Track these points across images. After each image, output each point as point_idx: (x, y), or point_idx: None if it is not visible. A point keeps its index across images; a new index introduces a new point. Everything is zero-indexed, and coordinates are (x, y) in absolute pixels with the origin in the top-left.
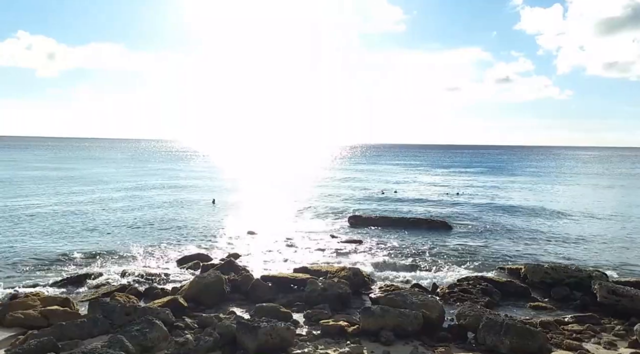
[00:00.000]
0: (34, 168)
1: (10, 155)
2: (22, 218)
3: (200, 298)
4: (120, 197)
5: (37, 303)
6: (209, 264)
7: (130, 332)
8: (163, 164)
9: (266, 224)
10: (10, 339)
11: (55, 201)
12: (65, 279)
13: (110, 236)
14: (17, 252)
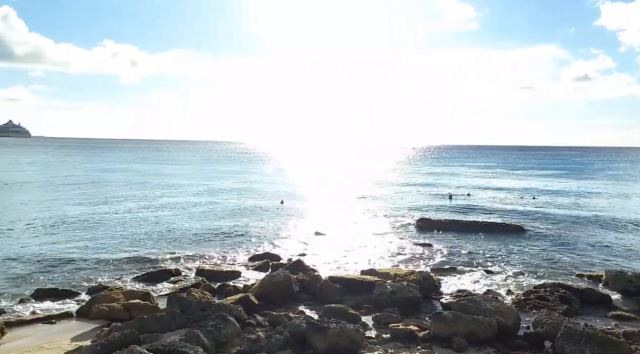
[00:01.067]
0: (120, 170)
1: (99, 156)
2: (107, 218)
3: (270, 297)
4: (194, 197)
5: (120, 296)
6: (278, 263)
7: (205, 327)
8: (233, 166)
9: (333, 225)
10: (95, 330)
11: (136, 201)
12: (145, 275)
13: (185, 234)
14: (101, 249)
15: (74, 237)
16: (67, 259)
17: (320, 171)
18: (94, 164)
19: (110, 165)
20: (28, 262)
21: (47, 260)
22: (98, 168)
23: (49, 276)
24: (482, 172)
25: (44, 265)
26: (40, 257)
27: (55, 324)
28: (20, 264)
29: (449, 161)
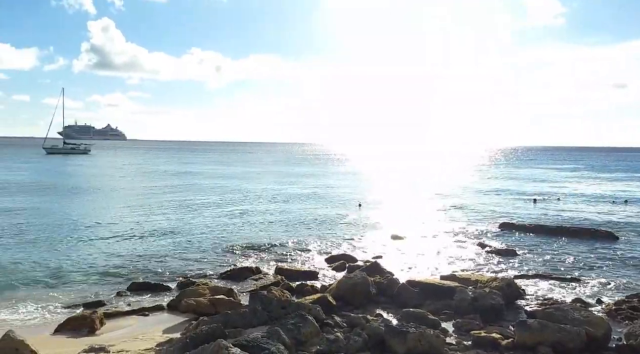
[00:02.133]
0: (205, 171)
1: (185, 157)
2: (193, 217)
3: (348, 298)
4: (272, 198)
5: (206, 291)
6: (355, 265)
7: (285, 325)
8: (310, 168)
9: (412, 228)
10: (184, 323)
11: (220, 201)
12: (228, 272)
13: (264, 234)
14: (188, 246)
15: (163, 235)
16: (158, 255)
17: (399, 174)
18: (182, 165)
19: (197, 166)
20: (123, 257)
21: (140, 255)
22: (185, 169)
23: (142, 270)
24: (569, 175)
25: (137, 260)
26: (135, 252)
27: (148, 317)
28: (117, 259)
29: (533, 163)
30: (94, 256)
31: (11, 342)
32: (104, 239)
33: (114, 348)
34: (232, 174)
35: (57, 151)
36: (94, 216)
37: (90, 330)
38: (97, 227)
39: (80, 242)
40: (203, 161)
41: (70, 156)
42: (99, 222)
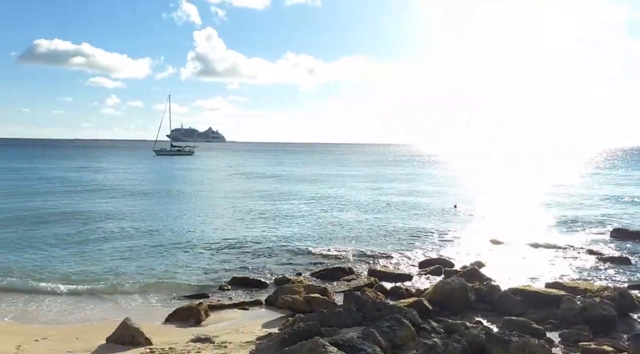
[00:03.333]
0: (298, 170)
1: (281, 159)
2: (289, 216)
3: (444, 303)
4: (365, 198)
5: (301, 289)
6: (451, 270)
7: (381, 327)
8: (403, 169)
9: (512, 232)
10: (282, 319)
11: (315, 200)
12: (321, 271)
13: (357, 235)
14: (285, 244)
15: (261, 232)
16: (256, 252)
17: (499, 174)
18: (277, 166)
19: (291, 167)
20: (225, 252)
21: (240, 252)
22: (280, 170)
23: (241, 266)
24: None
25: (237, 256)
26: (235, 248)
27: (248, 311)
28: (219, 254)
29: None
30: (199, 251)
31: (128, 329)
32: (208, 234)
33: (218, 339)
34: (325, 175)
35: (165, 152)
36: (199, 213)
37: (196, 321)
38: (202, 223)
39: (187, 238)
40: (297, 162)
41: (176, 157)
42: (203, 218)
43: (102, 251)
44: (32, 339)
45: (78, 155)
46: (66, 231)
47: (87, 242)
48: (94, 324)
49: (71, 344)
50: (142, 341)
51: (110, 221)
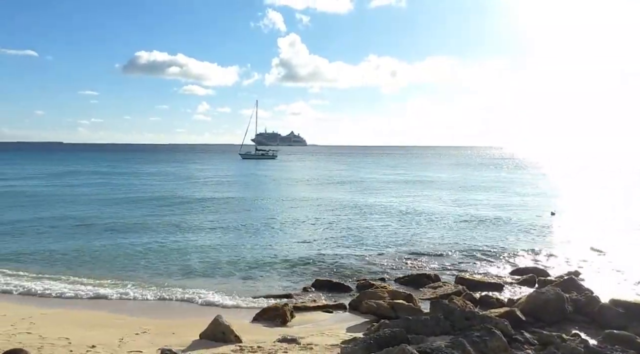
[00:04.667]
0: (379, 173)
1: (362, 162)
2: (369, 219)
3: (539, 314)
4: (455, 201)
5: (385, 295)
6: (546, 279)
7: (470, 337)
8: (494, 172)
9: (614, 241)
10: (366, 324)
11: (396, 202)
12: (406, 277)
13: (444, 240)
14: (366, 248)
15: (343, 235)
16: (339, 254)
17: (601, 178)
18: (358, 169)
19: (371, 170)
20: (308, 254)
21: (323, 254)
22: (361, 173)
23: (324, 268)
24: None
25: (320, 258)
26: (318, 251)
27: (331, 314)
28: (303, 255)
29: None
30: (282, 253)
31: (219, 326)
32: (291, 237)
33: (304, 340)
34: (410, 179)
35: (250, 156)
36: (282, 215)
37: (282, 321)
38: (286, 225)
39: (271, 239)
40: (379, 165)
41: (260, 160)
42: (287, 220)
43: (191, 250)
44: (133, 332)
45: (172, 159)
46: (154, 228)
47: (177, 242)
48: (187, 320)
49: (168, 338)
50: (232, 339)
51: (201, 220)
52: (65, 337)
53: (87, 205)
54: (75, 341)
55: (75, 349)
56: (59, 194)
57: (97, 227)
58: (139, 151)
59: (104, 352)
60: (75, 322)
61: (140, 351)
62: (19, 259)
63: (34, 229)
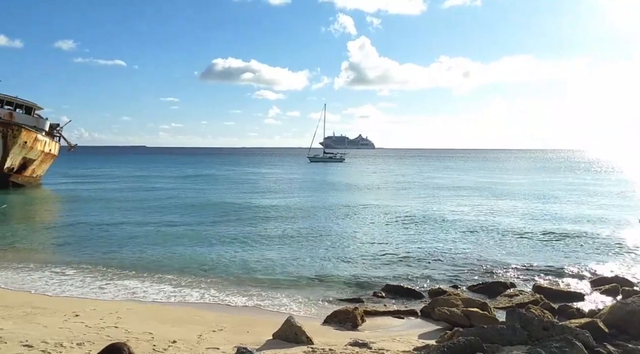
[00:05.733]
0: (452, 176)
1: (431, 165)
2: (440, 222)
3: (623, 326)
4: (529, 207)
5: (459, 302)
6: (632, 290)
7: (549, 348)
8: (574, 176)
9: None
10: (438, 331)
11: (471, 206)
12: (480, 285)
13: (521, 246)
14: (439, 253)
15: (414, 240)
16: (410, 259)
17: None
18: (428, 172)
19: (444, 173)
20: (378, 258)
21: (393, 259)
22: (431, 176)
23: (394, 273)
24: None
25: (390, 263)
26: (388, 255)
27: (402, 320)
28: (372, 260)
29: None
30: (352, 256)
31: (292, 327)
32: (361, 240)
33: (375, 345)
34: (484, 183)
35: (318, 159)
36: (350, 218)
37: (353, 325)
38: (354, 228)
39: (342, 240)
40: (450, 168)
41: (328, 163)
42: (356, 223)
43: (262, 252)
44: (211, 329)
45: (245, 162)
46: (231, 230)
47: (249, 242)
48: (260, 319)
49: (242, 336)
50: (304, 340)
51: (272, 222)
52: (149, 332)
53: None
54: (158, 336)
55: (158, 344)
56: (142, 199)
57: (177, 228)
58: (215, 154)
59: (184, 347)
60: (158, 318)
61: (218, 348)
62: (106, 257)
63: (124, 230)
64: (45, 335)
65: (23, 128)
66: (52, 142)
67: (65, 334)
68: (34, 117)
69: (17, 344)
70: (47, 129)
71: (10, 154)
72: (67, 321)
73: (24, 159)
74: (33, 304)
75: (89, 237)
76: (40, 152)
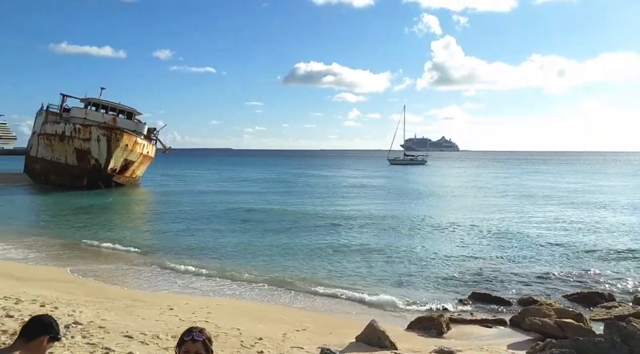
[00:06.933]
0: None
1: (523, 169)
2: (535, 229)
3: None
4: (631, 212)
5: (551, 312)
6: None
7: None
8: None
9: None
10: (529, 342)
11: (571, 213)
12: (574, 294)
13: (618, 254)
14: (529, 260)
15: (504, 247)
16: (498, 267)
17: None
18: (519, 177)
19: (536, 177)
20: (464, 265)
21: (480, 265)
22: (524, 181)
23: (482, 280)
24: None
25: (478, 269)
26: (475, 261)
27: (490, 329)
28: (459, 266)
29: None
30: (438, 260)
31: (375, 331)
32: (447, 245)
33: (461, 353)
34: (583, 189)
35: (399, 162)
36: (434, 223)
37: (438, 332)
38: (440, 233)
39: (426, 246)
40: (543, 172)
41: (409, 166)
42: (440, 228)
43: (345, 254)
44: (295, 328)
45: (325, 164)
46: (314, 235)
47: (332, 246)
48: (342, 321)
49: (326, 337)
50: (387, 344)
51: (354, 228)
52: (237, 328)
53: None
54: (245, 332)
55: (245, 340)
56: (229, 201)
57: (262, 230)
58: (295, 156)
59: (270, 345)
60: (244, 314)
61: (302, 347)
62: (199, 255)
63: (213, 230)
64: (143, 327)
65: (125, 132)
66: (150, 145)
67: (161, 326)
68: (134, 122)
69: (118, 334)
70: (145, 133)
71: (113, 156)
72: (163, 314)
73: (125, 161)
74: (132, 297)
75: (179, 234)
76: (140, 154)
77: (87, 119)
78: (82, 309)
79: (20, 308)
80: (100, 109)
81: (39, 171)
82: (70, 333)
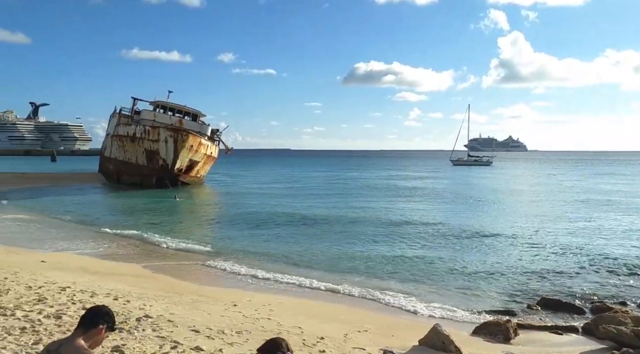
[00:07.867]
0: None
1: (601, 170)
2: (606, 234)
3: None
4: None
5: (627, 320)
6: None
7: None
8: None
9: None
10: (603, 351)
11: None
12: None
13: None
14: (600, 266)
15: (576, 251)
16: (570, 272)
17: None
18: (599, 178)
19: (610, 178)
20: (533, 269)
21: (550, 270)
22: (603, 184)
23: (551, 286)
24: None
25: (547, 275)
26: (544, 266)
27: (560, 336)
28: (526, 270)
29: None
30: (504, 265)
31: (439, 335)
32: (514, 249)
33: None
34: None
35: (462, 162)
36: (502, 226)
37: (505, 337)
38: (506, 237)
39: (491, 250)
40: (626, 174)
41: (473, 167)
42: (506, 232)
43: (409, 257)
44: (356, 329)
45: (385, 164)
46: (379, 236)
47: (396, 248)
48: (405, 323)
49: (388, 340)
50: (452, 349)
51: (415, 230)
52: (299, 326)
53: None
54: (307, 331)
55: (307, 339)
56: (292, 202)
57: (328, 229)
58: (353, 156)
59: (332, 345)
60: (306, 313)
61: (364, 349)
62: (261, 255)
63: (276, 226)
64: (209, 322)
65: (190, 133)
66: (213, 145)
67: (225, 322)
68: (199, 124)
69: (186, 328)
70: (209, 134)
71: (179, 157)
72: (227, 309)
73: (190, 161)
74: (198, 292)
75: (243, 234)
76: (204, 154)
77: (155, 121)
78: (152, 303)
79: (95, 301)
80: (167, 111)
81: (112, 171)
82: (141, 325)
